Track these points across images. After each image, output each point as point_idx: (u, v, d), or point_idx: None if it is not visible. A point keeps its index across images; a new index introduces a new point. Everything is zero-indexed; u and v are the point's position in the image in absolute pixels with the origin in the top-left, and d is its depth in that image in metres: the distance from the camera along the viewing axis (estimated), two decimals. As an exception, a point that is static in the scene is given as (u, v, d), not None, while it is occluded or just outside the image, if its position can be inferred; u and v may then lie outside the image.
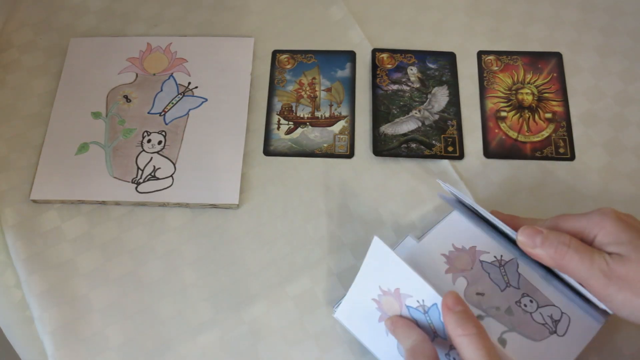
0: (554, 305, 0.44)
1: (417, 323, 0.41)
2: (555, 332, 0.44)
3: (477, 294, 0.45)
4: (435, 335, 0.41)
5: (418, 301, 0.40)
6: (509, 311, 0.44)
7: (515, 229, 0.42)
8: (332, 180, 0.54)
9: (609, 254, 0.39)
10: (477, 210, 0.45)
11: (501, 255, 0.46)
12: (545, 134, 0.56)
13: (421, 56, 0.60)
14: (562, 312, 0.44)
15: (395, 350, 0.43)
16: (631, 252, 0.38)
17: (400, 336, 0.41)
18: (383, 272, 0.42)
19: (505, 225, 0.43)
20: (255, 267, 0.51)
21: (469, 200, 0.44)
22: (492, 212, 0.45)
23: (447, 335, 0.38)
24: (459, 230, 0.47)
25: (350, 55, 0.60)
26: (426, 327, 0.41)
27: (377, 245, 0.41)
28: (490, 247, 0.47)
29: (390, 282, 0.41)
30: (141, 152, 0.55)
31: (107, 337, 0.49)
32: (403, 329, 0.41)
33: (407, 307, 0.41)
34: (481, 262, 0.46)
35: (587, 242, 0.41)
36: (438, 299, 0.39)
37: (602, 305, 0.40)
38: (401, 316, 0.42)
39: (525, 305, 0.45)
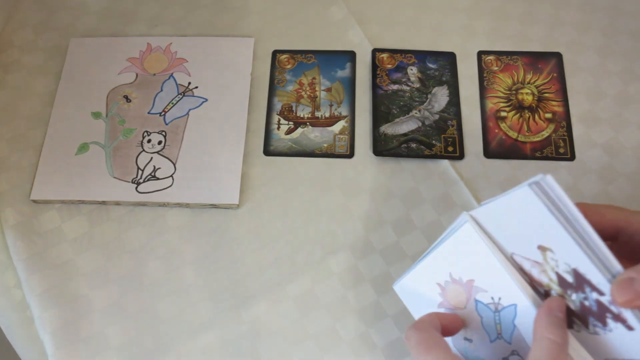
0: None
1: (481, 320, 0.39)
2: None
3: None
4: (498, 337, 0.38)
5: (492, 298, 0.37)
6: None
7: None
8: (332, 180, 0.54)
9: None
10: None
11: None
12: (545, 134, 0.56)
13: (421, 56, 0.60)
14: None
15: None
16: None
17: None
18: (460, 258, 0.37)
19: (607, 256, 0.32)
20: (255, 267, 0.51)
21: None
22: (579, 205, 0.33)
23: (520, 339, 0.36)
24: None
25: (350, 55, 0.60)
26: (490, 326, 0.38)
27: (467, 229, 0.36)
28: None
29: (466, 271, 0.38)
30: (141, 152, 0.55)
31: (107, 337, 0.49)
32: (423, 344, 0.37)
33: (477, 301, 0.38)
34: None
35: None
36: (523, 302, 0.35)
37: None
38: (421, 328, 0.37)
39: None
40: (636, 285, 0.32)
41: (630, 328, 0.33)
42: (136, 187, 0.53)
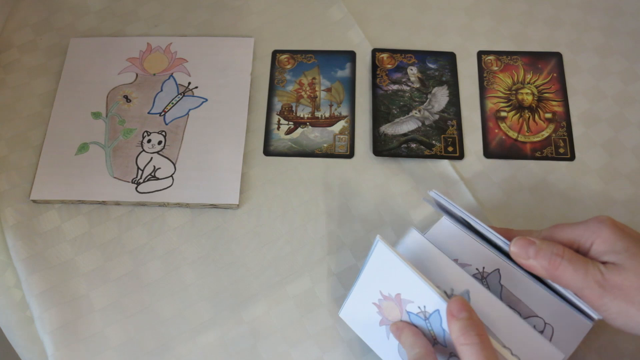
0: (537, 316, 0.43)
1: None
2: None
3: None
4: (435, 342, 0.40)
5: (419, 307, 0.39)
6: None
7: (509, 240, 0.42)
8: (332, 180, 0.54)
9: (604, 263, 0.39)
10: (467, 221, 0.43)
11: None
12: (545, 134, 0.56)
13: (421, 56, 0.60)
14: (545, 323, 0.43)
15: (396, 353, 0.43)
16: (627, 260, 0.38)
17: (405, 343, 0.40)
18: (384, 276, 0.41)
19: (499, 235, 0.42)
20: (255, 267, 0.51)
21: (460, 210, 0.43)
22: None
23: (452, 343, 0.37)
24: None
25: (350, 55, 0.60)
26: (427, 333, 0.40)
27: (380, 247, 0.40)
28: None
29: (392, 286, 0.41)
30: (141, 152, 0.55)
31: (107, 337, 0.49)
32: (408, 336, 0.40)
33: (408, 312, 0.41)
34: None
35: (583, 251, 0.40)
36: (442, 305, 0.38)
37: (590, 311, 0.39)
38: (407, 322, 0.41)
39: None
40: (530, 249, 0.40)
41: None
42: (136, 187, 0.53)
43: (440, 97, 0.58)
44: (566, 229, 0.42)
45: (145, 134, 0.56)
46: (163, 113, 0.57)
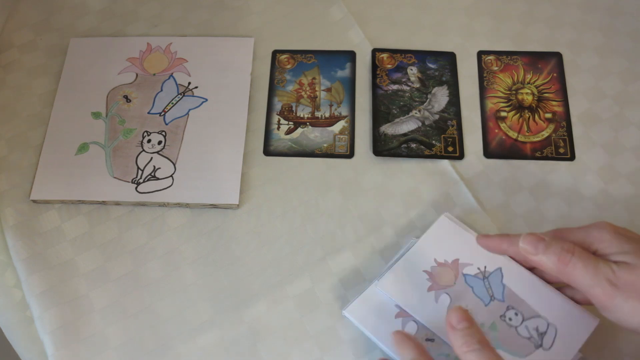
0: (540, 317, 0.44)
1: (472, 290, 0.45)
2: (541, 345, 0.43)
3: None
4: (491, 300, 0.45)
5: (479, 268, 0.46)
6: (493, 327, 0.44)
7: (508, 247, 0.44)
8: (332, 180, 0.54)
9: (615, 262, 0.38)
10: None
11: (485, 267, 0.46)
12: (545, 134, 0.56)
13: (421, 56, 0.60)
14: (548, 324, 0.43)
15: (441, 318, 0.44)
16: (638, 259, 0.37)
17: (401, 348, 0.41)
18: (442, 245, 0.47)
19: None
20: (255, 267, 0.51)
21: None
22: (480, 236, 0.47)
23: (509, 296, 0.44)
24: (441, 242, 0.48)
25: (350, 55, 0.60)
26: (482, 292, 0.45)
27: (445, 222, 0.48)
28: (473, 258, 0.47)
29: (449, 253, 0.47)
30: (141, 152, 0.55)
31: (107, 337, 0.49)
32: (403, 342, 0.41)
33: (464, 275, 0.46)
34: (464, 275, 0.46)
35: None
36: (505, 264, 0.45)
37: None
38: (401, 331, 0.42)
39: (510, 319, 0.44)
40: (540, 245, 0.40)
41: None
42: (136, 187, 0.53)
43: (440, 97, 0.58)
44: (567, 232, 0.41)
45: (145, 134, 0.56)
46: (163, 113, 0.57)
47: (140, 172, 0.54)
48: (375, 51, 0.60)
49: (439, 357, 0.44)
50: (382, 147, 0.55)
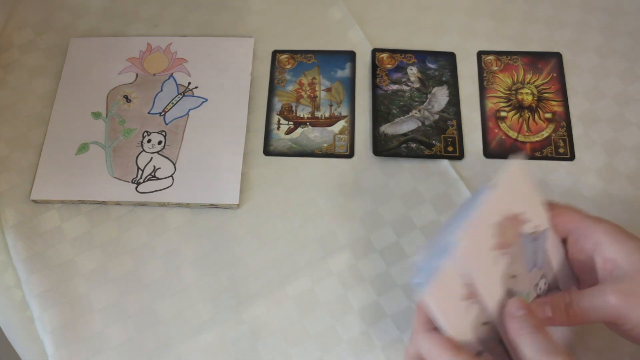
0: (558, 288, 0.42)
1: (524, 252, 0.40)
2: None
3: (511, 276, 0.40)
4: (534, 266, 0.40)
5: (535, 226, 0.40)
6: (528, 296, 0.41)
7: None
8: (332, 180, 0.54)
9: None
10: None
11: (537, 225, 0.41)
12: (545, 134, 0.56)
13: (421, 56, 0.60)
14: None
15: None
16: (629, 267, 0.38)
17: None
18: (514, 195, 0.41)
19: None
20: (255, 267, 0.51)
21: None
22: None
23: (548, 261, 0.40)
24: (511, 192, 0.41)
25: (350, 55, 0.60)
26: (530, 256, 0.40)
27: (516, 172, 0.41)
28: (533, 214, 0.41)
29: (517, 205, 0.40)
30: (141, 152, 0.55)
31: (107, 337, 0.49)
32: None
33: (523, 234, 0.40)
34: (523, 235, 0.40)
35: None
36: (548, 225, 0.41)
37: None
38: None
39: (540, 288, 0.41)
40: (546, 309, 0.39)
41: None
42: (136, 187, 0.53)
43: (440, 97, 0.58)
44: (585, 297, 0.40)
45: (145, 134, 0.56)
46: (163, 113, 0.57)
47: (140, 172, 0.54)
48: (375, 51, 0.60)
49: (515, 294, 0.40)
50: (382, 147, 0.55)
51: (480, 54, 0.60)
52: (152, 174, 0.54)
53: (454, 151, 0.55)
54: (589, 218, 0.41)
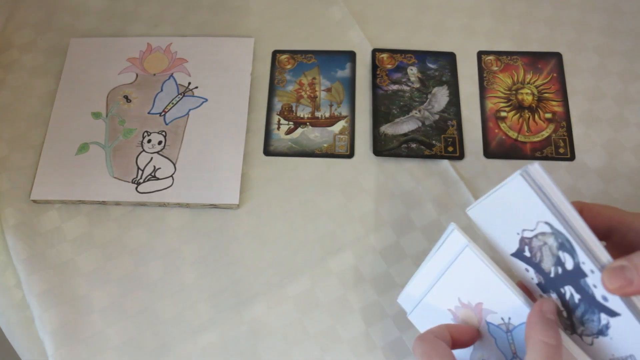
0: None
1: (495, 342, 0.39)
2: None
3: None
4: (514, 357, 0.38)
5: (502, 319, 0.38)
6: None
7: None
8: (332, 180, 0.54)
9: None
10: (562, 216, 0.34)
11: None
12: (545, 134, 0.56)
13: (421, 56, 0.60)
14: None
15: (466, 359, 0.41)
16: None
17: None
18: (467, 282, 0.38)
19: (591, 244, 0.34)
20: (255, 267, 0.51)
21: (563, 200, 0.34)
22: (574, 203, 0.36)
23: (525, 334, 0.35)
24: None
25: (350, 56, 0.60)
26: (505, 346, 0.38)
27: (467, 253, 0.37)
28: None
29: (473, 294, 0.38)
30: (141, 152, 0.55)
31: (107, 337, 0.49)
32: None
33: (488, 323, 0.39)
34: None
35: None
36: None
37: None
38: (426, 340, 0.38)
39: None
40: (627, 273, 0.33)
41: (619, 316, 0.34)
42: (136, 187, 0.53)
43: (440, 97, 0.58)
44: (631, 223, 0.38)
45: (146, 134, 0.56)
46: (163, 113, 0.57)
47: (140, 172, 0.54)
48: (375, 51, 0.60)
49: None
50: (382, 147, 0.55)
51: (480, 54, 0.60)
52: (152, 174, 0.54)
53: (454, 151, 0.55)
54: (629, 213, 0.40)
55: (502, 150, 0.55)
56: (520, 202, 0.35)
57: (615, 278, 0.33)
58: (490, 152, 0.55)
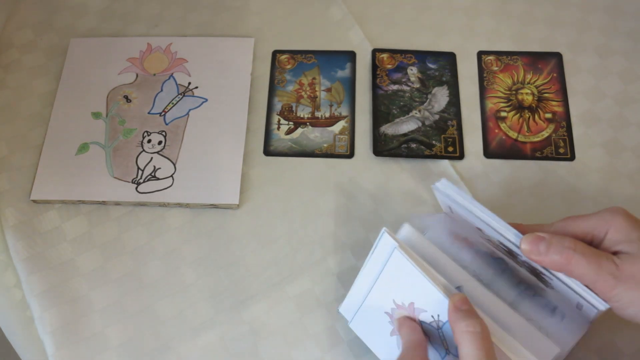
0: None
1: (429, 340, 0.40)
2: None
3: None
4: (447, 353, 0.40)
5: (432, 316, 0.39)
6: None
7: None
8: (332, 180, 0.54)
9: (617, 253, 0.39)
10: (475, 214, 0.41)
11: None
12: (545, 134, 0.56)
13: (421, 56, 0.60)
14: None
15: None
16: None
17: (403, 334, 0.41)
18: (399, 283, 0.40)
19: (510, 228, 0.40)
20: (255, 267, 0.51)
21: (467, 200, 0.41)
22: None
23: (452, 331, 0.37)
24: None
25: (350, 56, 0.60)
26: (438, 343, 0.40)
27: (396, 255, 0.39)
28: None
29: (405, 295, 0.40)
30: (141, 152, 0.55)
31: (107, 337, 0.49)
32: (408, 329, 0.40)
33: (421, 322, 0.40)
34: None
35: (597, 241, 0.40)
36: None
37: (598, 302, 0.38)
38: (409, 317, 0.41)
39: None
40: (541, 245, 0.39)
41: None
42: (136, 187, 0.53)
43: (440, 97, 0.58)
44: (579, 221, 0.41)
45: (146, 134, 0.56)
46: (163, 113, 0.57)
47: (140, 172, 0.54)
48: (375, 51, 0.60)
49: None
50: (382, 147, 0.55)
51: (480, 54, 0.60)
52: (152, 174, 0.54)
53: (454, 151, 0.55)
54: (596, 213, 0.41)
55: (502, 150, 0.55)
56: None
57: (530, 244, 0.39)
58: (490, 152, 0.55)
